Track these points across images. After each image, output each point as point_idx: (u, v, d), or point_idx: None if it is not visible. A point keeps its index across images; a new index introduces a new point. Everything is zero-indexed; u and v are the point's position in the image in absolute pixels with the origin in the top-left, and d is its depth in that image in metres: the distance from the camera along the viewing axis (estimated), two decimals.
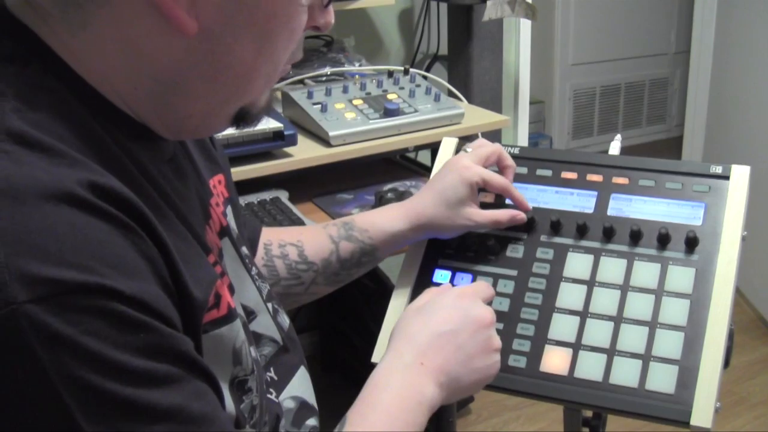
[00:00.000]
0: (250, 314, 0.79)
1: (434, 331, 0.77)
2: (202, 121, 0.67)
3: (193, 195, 0.72)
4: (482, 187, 0.98)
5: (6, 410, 0.49)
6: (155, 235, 0.57)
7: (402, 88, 1.85)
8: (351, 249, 0.99)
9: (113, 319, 0.51)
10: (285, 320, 0.87)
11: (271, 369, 0.81)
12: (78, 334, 0.49)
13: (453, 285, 0.98)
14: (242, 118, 0.68)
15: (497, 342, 0.80)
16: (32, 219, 0.50)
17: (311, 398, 0.85)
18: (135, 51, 0.60)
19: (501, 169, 1.01)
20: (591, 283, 0.94)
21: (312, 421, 0.83)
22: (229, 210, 0.83)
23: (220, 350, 0.67)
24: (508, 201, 1.01)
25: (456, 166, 0.98)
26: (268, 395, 0.78)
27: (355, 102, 1.78)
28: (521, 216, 0.98)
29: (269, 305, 0.83)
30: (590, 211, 0.99)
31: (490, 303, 0.84)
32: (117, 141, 0.60)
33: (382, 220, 0.99)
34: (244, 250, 0.83)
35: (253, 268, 0.84)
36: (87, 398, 0.50)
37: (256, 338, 0.79)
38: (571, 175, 1.02)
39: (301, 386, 0.84)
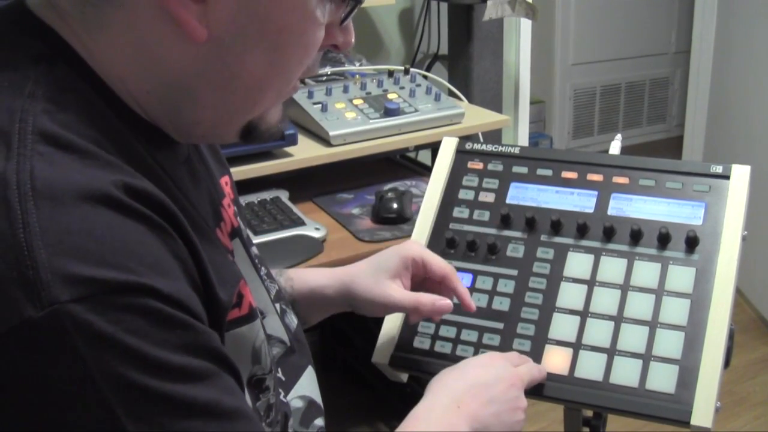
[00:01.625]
0: (260, 314, 0.80)
1: (470, 382, 0.82)
2: (211, 130, 0.67)
3: (205, 197, 0.72)
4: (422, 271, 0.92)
5: (50, 409, 0.50)
6: (185, 236, 0.58)
7: (402, 88, 1.85)
8: None
9: (152, 317, 0.52)
10: (293, 320, 0.88)
11: (279, 370, 0.81)
12: (119, 332, 0.50)
13: None
14: (251, 131, 0.68)
15: (524, 402, 0.84)
16: (72, 220, 0.51)
17: (318, 398, 0.86)
18: (148, 55, 0.60)
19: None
20: (591, 283, 0.94)
21: (319, 421, 0.84)
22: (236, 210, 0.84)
23: (240, 349, 0.68)
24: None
25: (401, 244, 0.94)
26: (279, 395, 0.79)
27: (356, 101, 1.78)
28: (444, 303, 0.89)
29: (277, 306, 0.84)
30: (590, 210, 0.99)
31: None
32: (139, 142, 0.61)
33: (310, 274, 0.97)
34: (254, 250, 0.84)
35: (263, 269, 0.84)
36: (129, 395, 0.51)
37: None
38: (571, 175, 1.02)
39: (309, 386, 0.85)
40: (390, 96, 1.81)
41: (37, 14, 0.60)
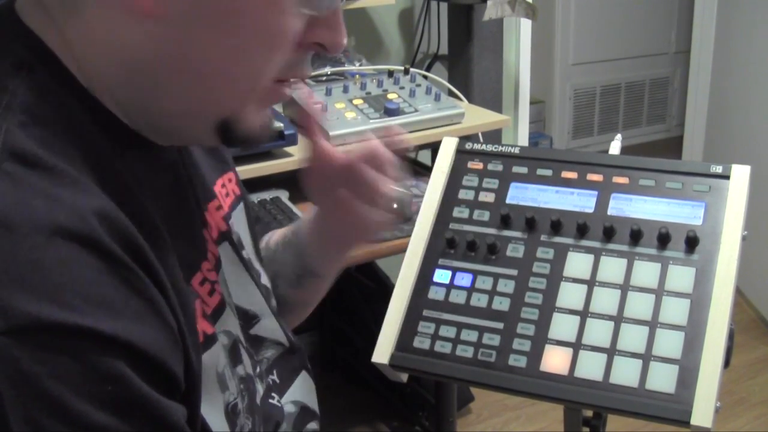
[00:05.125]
0: (253, 318, 0.78)
1: None
2: (182, 126, 0.64)
3: (187, 205, 0.70)
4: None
5: None
6: (152, 271, 0.55)
7: (402, 88, 1.85)
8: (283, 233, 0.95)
9: (83, 365, 0.49)
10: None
11: (274, 371, 0.80)
12: (44, 375, 0.48)
13: (453, 285, 0.98)
14: (227, 131, 0.62)
15: None
16: (22, 251, 0.49)
17: (312, 403, 0.85)
18: (112, 39, 0.57)
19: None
20: (591, 283, 0.93)
21: (313, 425, 0.83)
22: (238, 210, 0.82)
23: (206, 377, 0.65)
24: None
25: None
26: (270, 400, 0.77)
27: (356, 102, 1.78)
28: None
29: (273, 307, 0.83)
30: (590, 210, 0.98)
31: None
32: (117, 153, 0.59)
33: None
34: (245, 253, 0.81)
35: (257, 270, 0.83)
36: None
37: (258, 342, 0.78)
38: (571, 175, 1.01)
39: (302, 390, 0.84)
40: (390, 96, 1.81)
41: (21, 17, 0.59)
